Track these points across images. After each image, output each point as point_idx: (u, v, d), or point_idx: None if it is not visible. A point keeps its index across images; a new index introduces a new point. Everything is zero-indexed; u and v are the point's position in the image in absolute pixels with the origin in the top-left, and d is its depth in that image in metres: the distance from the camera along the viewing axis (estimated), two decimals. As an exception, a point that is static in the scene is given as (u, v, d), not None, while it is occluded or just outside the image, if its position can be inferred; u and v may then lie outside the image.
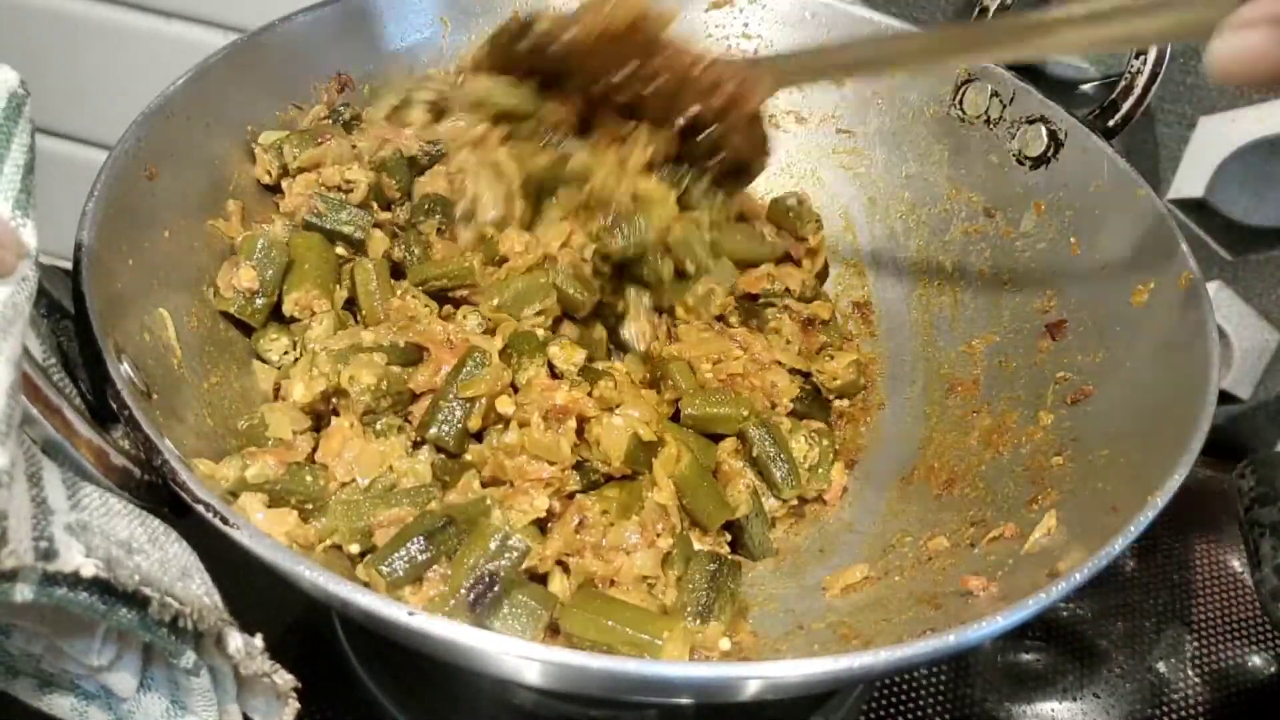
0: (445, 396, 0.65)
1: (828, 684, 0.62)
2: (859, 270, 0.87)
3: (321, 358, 0.64)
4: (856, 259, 0.87)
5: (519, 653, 0.46)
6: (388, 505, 0.61)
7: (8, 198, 0.48)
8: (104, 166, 0.62)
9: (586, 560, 0.62)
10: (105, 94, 1.13)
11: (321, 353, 0.65)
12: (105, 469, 0.50)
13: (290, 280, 0.69)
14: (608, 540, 0.63)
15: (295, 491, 0.60)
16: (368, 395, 0.63)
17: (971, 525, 0.66)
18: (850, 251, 0.87)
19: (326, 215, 0.72)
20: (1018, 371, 0.74)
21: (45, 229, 0.49)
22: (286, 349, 0.69)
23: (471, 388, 0.65)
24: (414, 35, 0.83)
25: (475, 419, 0.65)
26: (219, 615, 0.49)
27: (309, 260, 0.70)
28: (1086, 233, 0.74)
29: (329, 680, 0.69)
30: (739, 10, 0.88)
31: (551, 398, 0.65)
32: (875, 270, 0.86)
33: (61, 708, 0.53)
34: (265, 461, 0.60)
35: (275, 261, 0.69)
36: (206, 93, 0.70)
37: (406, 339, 0.67)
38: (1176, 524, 0.89)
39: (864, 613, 0.63)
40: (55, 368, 0.54)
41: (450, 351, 0.67)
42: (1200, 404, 0.58)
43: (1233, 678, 0.78)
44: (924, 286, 0.83)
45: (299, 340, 0.69)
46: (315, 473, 0.61)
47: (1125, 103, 0.77)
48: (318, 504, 0.61)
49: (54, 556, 0.42)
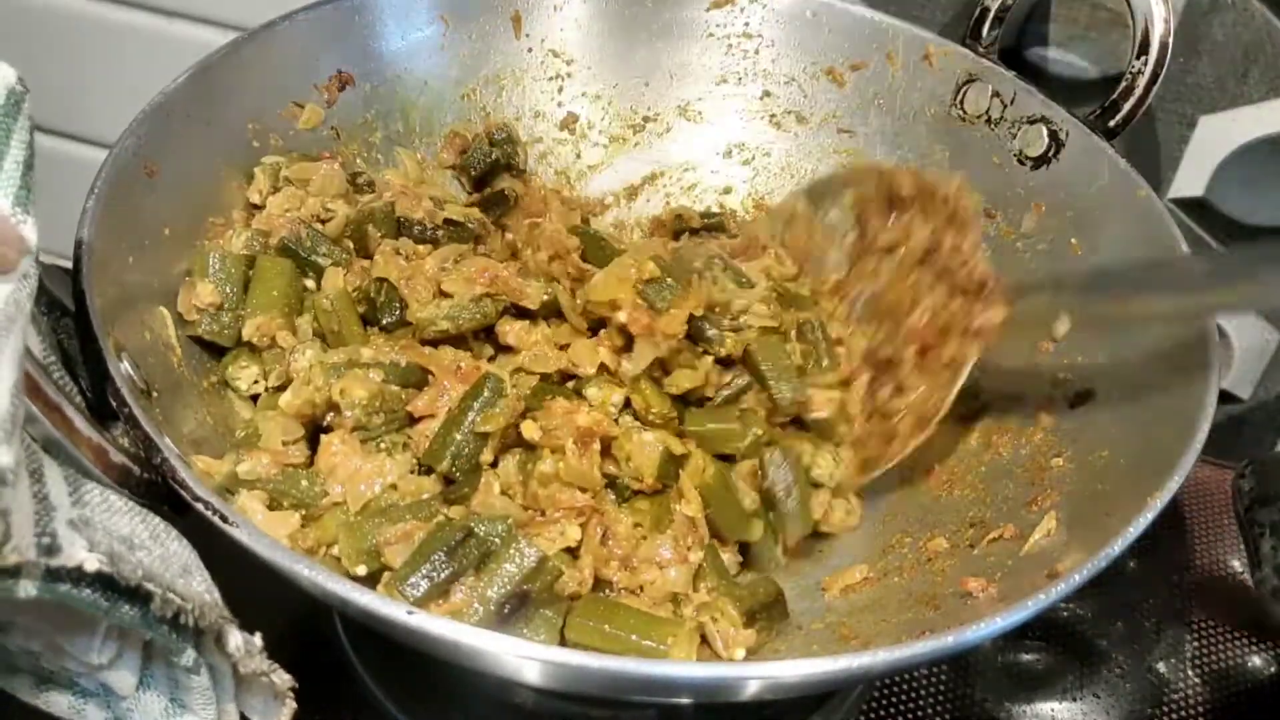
0: (458, 427, 0.62)
1: (827, 684, 0.62)
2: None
3: (315, 370, 0.63)
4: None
5: (519, 653, 0.45)
6: (392, 521, 0.59)
7: (8, 194, 0.48)
8: (104, 165, 0.62)
9: (612, 572, 0.61)
10: (105, 93, 1.13)
11: (315, 365, 0.63)
12: (105, 467, 0.50)
13: (253, 303, 0.67)
14: (639, 554, 0.62)
15: (289, 494, 0.59)
16: (358, 410, 0.62)
17: (971, 526, 0.66)
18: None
19: (305, 243, 0.70)
20: (1018, 372, 0.74)
21: (45, 227, 0.49)
22: (256, 377, 0.66)
23: (490, 422, 0.62)
24: (414, 34, 0.83)
25: (489, 453, 0.63)
26: (219, 612, 0.49)
27: (276, 286, 0.67)
28: (1087, 233, 0.74)
29: (329, 680, 0.69)
30: (740, 9, 0.88)
31: (574, 420, 0.63)
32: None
33: (59, 705, 0.53)
34: (260, 459, 0.59)
35: (232, 276, 0.66)
36: (207, 91, 0.70)
37: (409, 359, 0.65)
38: (1176, 524, 0.89)
39: (863, 613, 0.63)
40: (55, 365, 0.54)
41: (457, 378, 0.64)
42: (1200, 404, 0.58)
43: (1233, 678, 0.78)
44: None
45: (270, 370, 0.66)
46: (312, 478, 0.60)
47: (1126, 103, 0.77)
48: (312, 510, 0.60)
49: (57, 552, 0.42)
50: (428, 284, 0.69)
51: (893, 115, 0.86)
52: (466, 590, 0.56)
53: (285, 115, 0.77)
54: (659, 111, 0.90)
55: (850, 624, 0.61)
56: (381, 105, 0.82)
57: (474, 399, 0.63)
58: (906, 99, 0.85)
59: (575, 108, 0.89)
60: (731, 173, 0.91)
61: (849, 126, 0.87)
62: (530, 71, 0.88)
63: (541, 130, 0.89)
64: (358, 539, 0.58)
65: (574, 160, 0.90)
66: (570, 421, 0.63)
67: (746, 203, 0.91)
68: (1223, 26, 0.85)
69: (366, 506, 0.60)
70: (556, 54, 0.88)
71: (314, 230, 0.71)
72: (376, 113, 0.82)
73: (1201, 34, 0.86)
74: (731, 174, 0.91)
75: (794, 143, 0.89)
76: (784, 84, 0.89)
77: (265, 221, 0.71)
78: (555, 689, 0.63)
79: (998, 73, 0.81)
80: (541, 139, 0.89)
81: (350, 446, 0.62)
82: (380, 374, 0.63)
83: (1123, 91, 0.77)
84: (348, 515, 0.60)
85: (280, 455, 0.61)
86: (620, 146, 0.91)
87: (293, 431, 0.63)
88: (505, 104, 0.88)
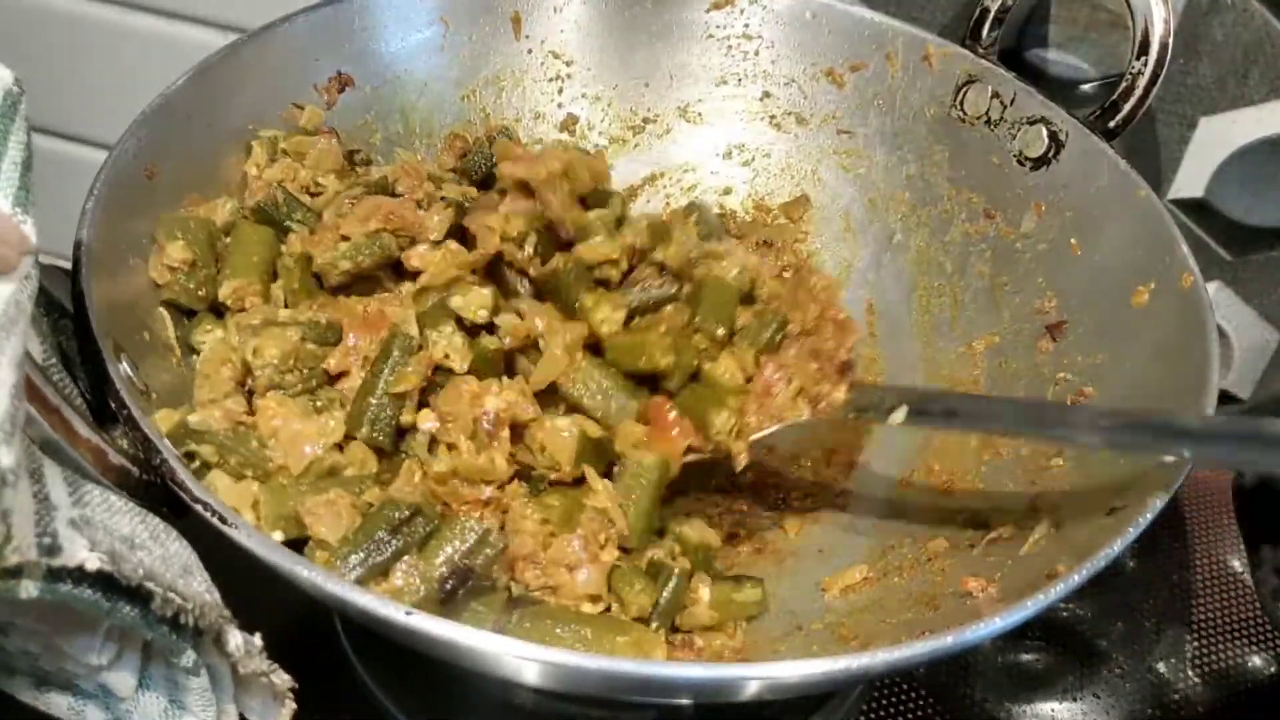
0: (372, 393, 0.61)
1: (827, 684, 0.62)
2: (859, 271, 0.87)
3: (231, 329, 0.62)
4: (856, 260, 0.87)
5: (519, 653, 0.45)
6: (316, 491, 0.57)
7: (7, 195, 0.48)
8: (104, 166, 0.62)
9: (523, 573, 0.59)
10: (105, 94, 1.12)
11: (233, 325, 0.63)
12: (104, 468, 0.50)
13: (231, 267, 0.66)
14: (548, 555, 0.60)
15: (237, 452, 0.58)
16: (269, 369, 0.61)
17: (971, 526, 0.66)
18: (850, 252, 0.87)
19: (282, 209, 0.69)
20: (1018, 373, 0.74)
21: (45, 228, 0.49)
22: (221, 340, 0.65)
23: (403, 381, 0.61)
24: (414, 35, 0.83)
25: (409, 414, 0.62)
26: (219, 613, 0.49)
27: (257, 252, 0.67)
28: (1087, 233, 0.74)
29: (329, 680, 0.69)
30: (739, 10, 0.88)
31: (482, 404, 0.61)
32: (875, 271, 0.86)
33: (58, 706, 0.53)
34: (212, 414, 0.58)
35: (199, 236, 0.65)
36: (207, 92, 0.70)
37: (327, 316, 0.64)
38: (1176, 524, 0.89)
39: (863, 613, 0.63)
40: (55, 367, 0.54)
41: (365, 327, 0.63)
42: (1200, 405, 0.58)
43: (1233, 678, 0.78)
44: (924, 287, 0.83)
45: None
46: (262, 440, 0.59)
47: (1126, 104, 0.77)
48: (259, 473, 0.58)
49: (58, 552, 0.42)
50: (332, 233, 0.67)
51: (892, 116, 0.86)
52: (407, 569, 0.56)
53: (285, 117, 0.77)
54: (659, 113, 0.90)
55: (850, 624, 0.61)
56: (381, 107, 0.82)
57: (384, 361, 0.62)
58: (906, 100, 0.85)
59: (575, 109, 0.89)
60: (731, 174, 0.91)
61: (849, 127, 0.87)
62: (530, 73, 0.88)
63: (541, 132, 0.89)
64: (278, 503, 0.56)
65: (574, 161, 0.90)
66: (477, 406, 0.61)
67: (746, 204, 0.91)
68: (1223, 27, 0.85)
69: (309, 469, 0.59)
70: (556, 55, 0.88)
71: (290, 195, 0.71)
72: (376, 114, 0.82)
73: (1201, 35, 0.86)
74: (731, 175, 0.91)
75: (794, 144, 0.89)
76: (784, 85, 0.89)
77: (252, 187, 0.71)
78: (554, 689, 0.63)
79: (997, 73, 0.81)
80: (541, 140, 0.89)
81: (286, 408, 0.60)
82: (298, 332, 0.62)
83: (1123, 92, 0.77)
84: (291, 478, 0.59)
85: (231, 412, 0.59)
86: (620, 148, 0.91)
87: (220, 388, 0.61)
88: (505, 105, 0.88)
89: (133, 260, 0.62)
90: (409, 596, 0.55)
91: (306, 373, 0.62)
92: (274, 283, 0.68)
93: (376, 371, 0.62)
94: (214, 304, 0.66)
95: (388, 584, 0.56)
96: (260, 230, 0.68)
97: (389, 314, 0.64)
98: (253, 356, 0.61)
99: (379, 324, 0.63)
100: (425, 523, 0.57)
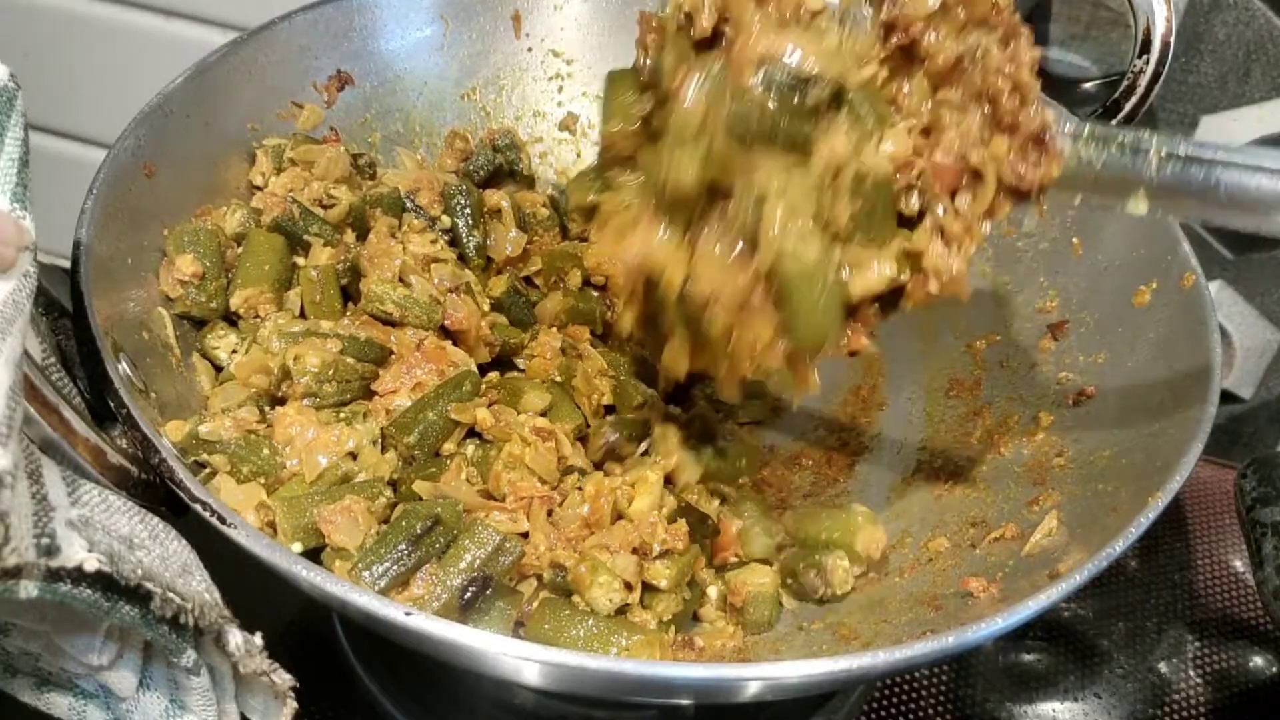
0: (433, 408, 0.63)
1: (827, 685, 0.62)
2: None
3: (272, 335, 0.63)
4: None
5: (519, 653, 0.45)
6: (332, 498, 0.57)
7: (5, 191, 0.48)
8: (103, 165, 0.62)
9: (560, 554, 0.60)
10: (105, 93, 1.12)
11: (274, 331, 0.63)
12: (103, 468, 0.50)
13: (242, 276, 0.67)
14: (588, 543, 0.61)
15: (249, 460, 0.58)
16: (309, 376, 0.61)
17: (972, 526, 0.66)
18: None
19: (300, 223, 0.70)
20: (1019, 372, 0.74)
21: (44, 227, 0.49)
22: (234, 347, 0.66)
23: (464, 413, 0.63)
24: (414, 33, 0.83)
25: (452, 442, 0.64)
26: (219, 612, 0.49)
27: (268, 261, 0.68)
28: (1089, 233, 0.74)
29: (329, 680, 0.69)
30: (740, 9, 0.88)
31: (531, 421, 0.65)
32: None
33: (59, 706, 0.53)
34: (222, 423, 0.59)
35: (209, 248, 0.66)
36: (206, 91, 0.70)
37: (369, 335, 0.65)
38: (1178, 524, 0.88)
39: (864, 613, 0.62)
40: (54, 366, 0.54)
41: (421, 355, 0.65)
42: (1202, 404, 0.58)
43: (1234, 678, 0.78)
44: (925, 286, 0.83)
45: (248, 338, 0.66)
46: (274, 448, 0.60)
47: (1128, 102, 0.77)
48: (271, 480, 0.59)
49: (56, 552, 0.42)
50: (392, 263, 0.68)
51: (893, 115, 0.85)
52: (428, 578, 0.56)
53: (284, 115, 0.77)
54: (659, 111, 0.90)
55: (851, 624, 0.61)
56: (381, 105, 0.82)
57: (454, 388, 0.64)
58: (907, 98, 0.85)
59: (575, 107, 0.89)
60: (732, 172, 0.91)
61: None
62: (530, 71, 0.88)
63: (542, 130, 0.89)
64: (296, 514, 0.57)
65: (574, 160, 0.90)
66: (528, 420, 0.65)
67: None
68: (1224, 26, 0.85)
69: (322, 476, 0.59)
70: (556, 54, 0.88)
71: (307, 210, 0.71)
72: (376, 113, 0.82)
73: (1203, 33, 0.86)
74: (732, 174, 0.91)
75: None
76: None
77: (263, 200, 0.71)
78: (555, 689, 0.63)
79: (998, 72, 0.80)
80: (542, 139, 0.89)
81: (306, 417, 0.61)
82: (338, 345, 0.63)
83: (1124, 91, 0.77)
84: (304, 485, 0.59)
85: (243, 421, 0.60)
86: (620, 146, 0.90)
87: (237, 396, 0.62)
88: (505, 104, 0.87)
89: (132, 259, 0.62)
90: (430, 605, 0.55)
91: (342, 385, 0.63)
92: (287, 291, 0.69)
93: (441, 393, 0.64)
94: (226, 313, 0.67)
95: (408, 593, 0.56)
96: (272, 238, 0.69)
97: (450, 353, 0.67)
98: (293, 363, 0.62)
99: (439, 358, 0.65)
100: (445, 532, 0.57)
